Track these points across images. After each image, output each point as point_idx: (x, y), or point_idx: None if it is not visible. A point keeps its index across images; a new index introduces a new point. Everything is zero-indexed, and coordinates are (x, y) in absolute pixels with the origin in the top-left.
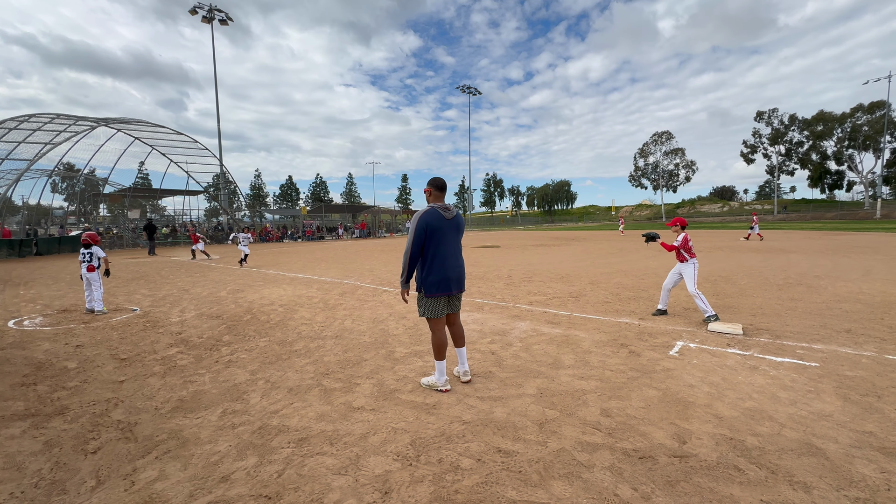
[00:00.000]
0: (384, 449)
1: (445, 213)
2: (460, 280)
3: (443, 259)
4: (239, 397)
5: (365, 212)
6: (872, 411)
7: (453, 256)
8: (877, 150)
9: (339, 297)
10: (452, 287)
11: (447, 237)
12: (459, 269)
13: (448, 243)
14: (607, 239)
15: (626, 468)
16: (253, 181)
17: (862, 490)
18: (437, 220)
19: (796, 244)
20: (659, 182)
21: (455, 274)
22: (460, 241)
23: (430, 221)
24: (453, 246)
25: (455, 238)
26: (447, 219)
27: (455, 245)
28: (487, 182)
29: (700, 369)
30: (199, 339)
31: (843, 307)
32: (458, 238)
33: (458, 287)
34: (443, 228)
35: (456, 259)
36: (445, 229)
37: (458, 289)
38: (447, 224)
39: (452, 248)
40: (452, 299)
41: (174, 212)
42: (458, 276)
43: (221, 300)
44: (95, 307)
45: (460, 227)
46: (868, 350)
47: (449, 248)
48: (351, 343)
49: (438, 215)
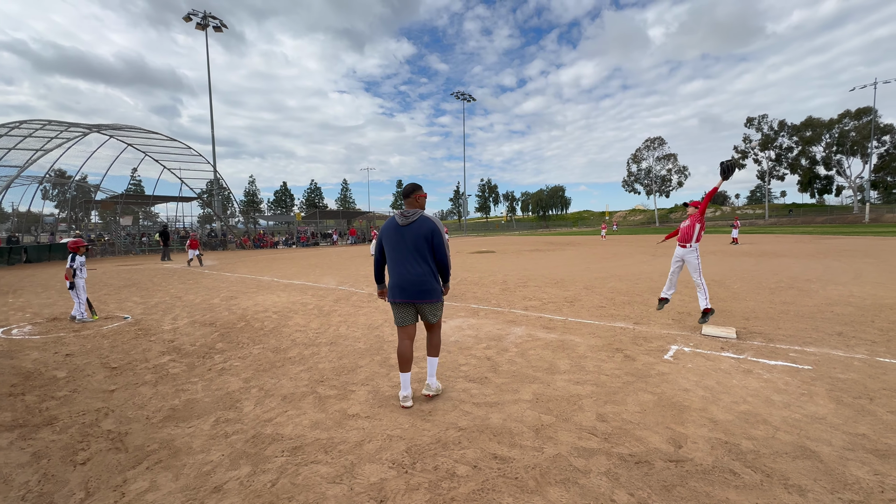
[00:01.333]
0: (379, 456)
1: (401, 220)
2: (409, 289)
3: (392, 266)
4: (232, 405)
5: (360, 217)
6: (865, 413)
7: (402, 264)
8: (864, 156)
9: (334, 303)
10: (398, 295)
11: (399, 244)
12: (407, 277)
13: (400, 250)
14: (601, 244)
15: (622, 473)
16: (247, 187)
17: (856, 493)
18: (389, 228)
19: (787, 248)
20: (652, 187)
21: (400, 281)
22: (421, 248)
23: (383, 229)
24: (405, 252)
25: (407, 245)
26: (402, 225)
27: (407, 252)
28: (482, 188)
29: (695, 373)
30: (191, 347)
31: (835, 310)
32: (413, 244)
33: (406, 296)
34: (394, 236)
35: (405, 266)
36: (397, 236)
37: (406, 297)
38: (401, 231)
39: (403, 255)
40: (421, 308)
41: (167, 218)
42: (403, 285)
43: (215, 307)
44: (76, 316)
45: (420, 232)
46: (859, 353)
47: (399, 254)
48: (346, 350)
49: (392, 223)
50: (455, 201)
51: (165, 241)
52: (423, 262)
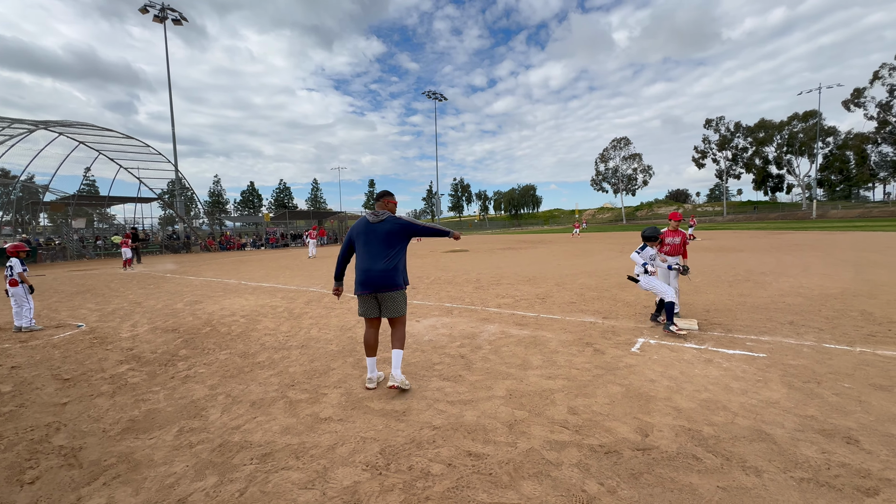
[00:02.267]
0: (353, 459)
1: (371, 218)
2: (373, 281)
3: (360, 261)
4: (197, 414)
5: (331, 217)
6: (813, 396)
7: (369, 259)
8: (811, 156)
9: (305, 305)
10: (362, 288)
11: (369, 241)
12: (373, 272)
13: (368, 246)
14: (572, 241)
15: (592, 464)
16: (212, 187)
17: (806, 470)
18: (360, 226)
19: (744, 243)
20: (619, 186)
21: (366, 277)
22: (389, 244)
23: (354, 227)
24: (373, 248)
25: (377, 241)
26: (372, 223)
27: (375, 248)
28: (455, 187)
29: (660, 364)
30: (152, 355)
31: (786, 301)
32: (383, 240)
33: (370, 289)
34: (364, 233)
35: (371, 261)
36: (367, 234)
37: (369, 290)
38: (371, 228)
39: (371, 251)
40: (384, 301)
41: (125, 220)
42: (369, 279)
43: (178, 312)
44: (23, 324)
45: (390, 231)
46: (808, 340)
47: (367, 250)
48: (317, 352)
49: (364, 221)
50: (428, 201)
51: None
52: (390, 259)
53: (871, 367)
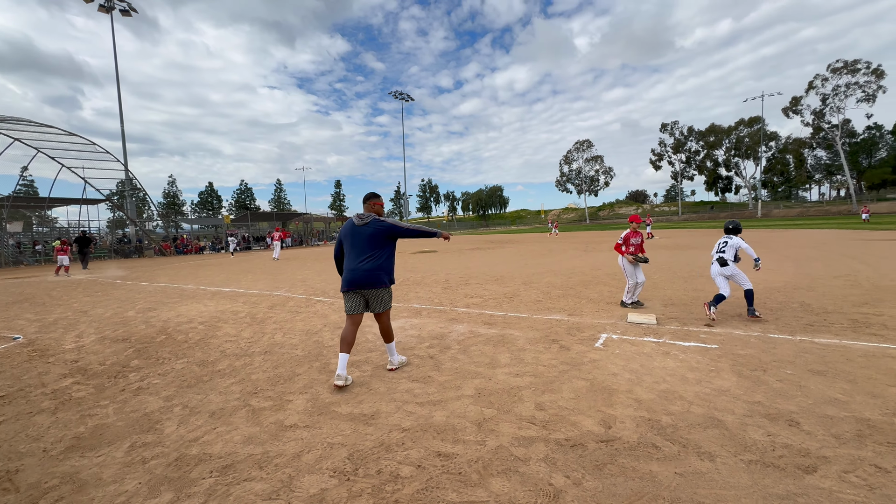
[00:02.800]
0: (319, 466)
1: (357, 221)
2: (359, 280)
3: (346, 261)
4: (151, 427)
5: (296, 219)
6: (760, 383)
7: (354, 259)
8: (756, 159)
9: (269, 309)
10: (348, 286)
11: (354, 242)
12: (357, 271)
13: (354, 247)
14: (538, 241)
15: (559, 458)
16: (167, 188)
17: (754, 453)
18: (347, 228)
19: (698, 241)
20: (582, 187)
21: (351, 275)
22: (374, 245)
23: (343, 229)
24: (358, 249)
25: (361, 242)
26: (357, 225)
27: (359, 248)
28: (423, 188)
29: (622, 358)
30: (100, 367)
31: (735, 294)
32: (366, 242)
33: (354, 286)
34: (350, 234)
35: (357, 261)
36: (353, 235)
37: (355, 287)
38: (356, 230)
39: (356, 252)
40: (369, 298)
41: (68, 223)
42: (354, 278)
43: (129, 321)
44: None
45: (374, 232)
46: (755, 331)
47: (353, 250)
48: (282, 358)
49: (350, 224)
50: (396, 201)
51: (84, 247)
52: (377, 257)
53: (810, 354)
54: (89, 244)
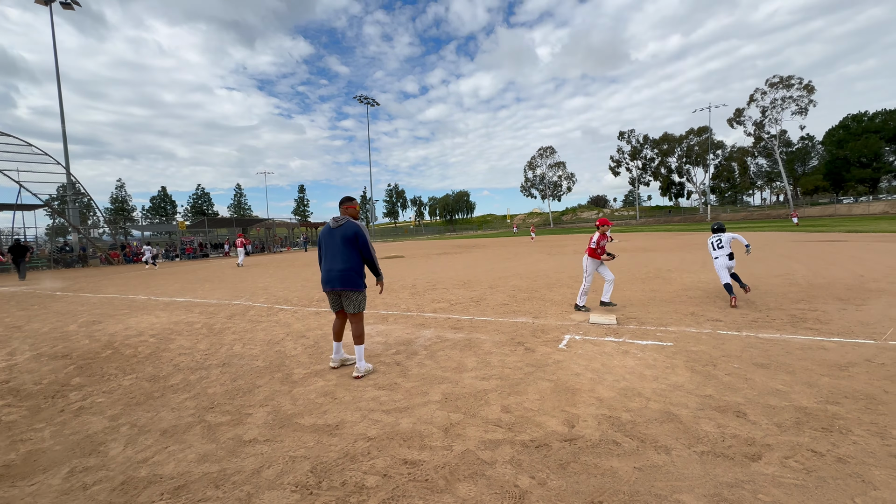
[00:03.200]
0: (280, 481)
1: (333, 224)
2: (333, 280)
3: (324, 262)
4: (93, 450)
5: (258, 225)
6: (710, 378)
7: (329, 260)
8: (705, 166)
9: (227, 319)
10: (325, 285)
11: (330, 243)
12: (332, 272)
13: (329, 249)
14: (504, 245)
15: (524, 459)
16: (115, 193)
17: (706, 444)
18: (324, 231)
19: (653, 243)
20: (546, 192)
21: (327, 276)
22: (346, 247)
23: (321, 233)
24: (333, 251)
25: (336, 244)
26: (333, 228)
27: (334, 250)
28: (390, 193)
29: (584, 358)
30: (35, 387)
31: (689, 294)
32: (340, 244)
33: (331, 286)
34: (327, 237)
35: (332, 262)
36: (329, 238)
37: (332, 287)
38: (332, 233)
39: (331, 253)
40: (344, 298)
41: (0, 231)
42: (329, 278)
43: (70, 335)
44: None
45: (346, 235)
46: (706, 328)
47: (328, 252)
48: (241, 370)
49: (327, 227)
50: (362, 207)
51: (20, 257)
52: (348, 259)
53: (755, 348)
54: (25, 253)
